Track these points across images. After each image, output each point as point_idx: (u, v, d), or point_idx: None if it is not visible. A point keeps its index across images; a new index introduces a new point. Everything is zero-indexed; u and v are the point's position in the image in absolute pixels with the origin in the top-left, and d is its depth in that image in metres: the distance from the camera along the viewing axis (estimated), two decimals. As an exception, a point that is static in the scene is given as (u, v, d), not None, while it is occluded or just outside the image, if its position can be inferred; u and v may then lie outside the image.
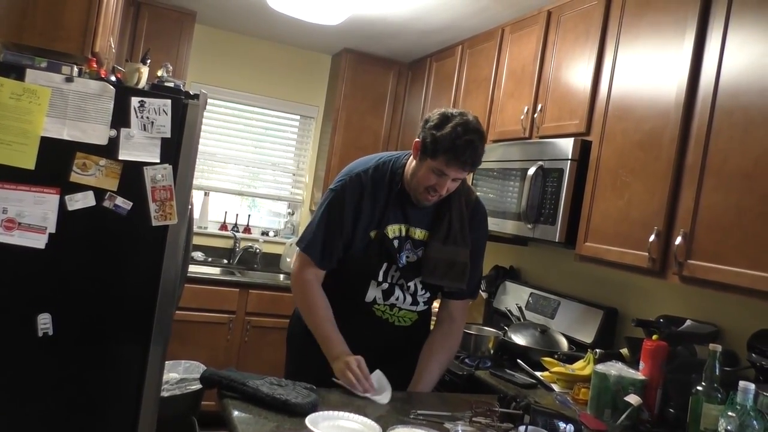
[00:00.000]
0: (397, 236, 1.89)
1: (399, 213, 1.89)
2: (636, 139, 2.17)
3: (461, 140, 1.73)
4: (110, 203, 2.28)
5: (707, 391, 1.65)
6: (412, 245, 1.91)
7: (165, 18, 3.89)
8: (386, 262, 1.89)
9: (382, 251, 1.87)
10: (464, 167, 1.78)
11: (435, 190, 1.81)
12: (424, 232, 1.91)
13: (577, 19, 2.63)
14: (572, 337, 2.60)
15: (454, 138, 1.73)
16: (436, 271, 1.88)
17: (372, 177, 1.89)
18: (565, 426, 1.54)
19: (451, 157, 1.75)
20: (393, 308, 1.94)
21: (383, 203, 1.87)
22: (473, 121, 1.78)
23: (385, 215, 1.87)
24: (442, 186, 1.80)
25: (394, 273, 1.90)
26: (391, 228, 1.88)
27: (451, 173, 1.78)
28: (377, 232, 1.86)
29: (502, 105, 3.09)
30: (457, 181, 1.82)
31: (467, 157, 1.75)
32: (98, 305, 2.31)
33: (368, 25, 3.80)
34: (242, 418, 1.48)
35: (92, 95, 2.25)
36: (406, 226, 1.90)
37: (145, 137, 2.31)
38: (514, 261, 3.34)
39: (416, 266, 1.90)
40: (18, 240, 2.20)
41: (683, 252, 1.88)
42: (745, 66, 1.80)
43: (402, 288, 1.92)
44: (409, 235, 1.90)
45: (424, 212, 1.91)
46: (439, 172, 1.78)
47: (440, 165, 1.76)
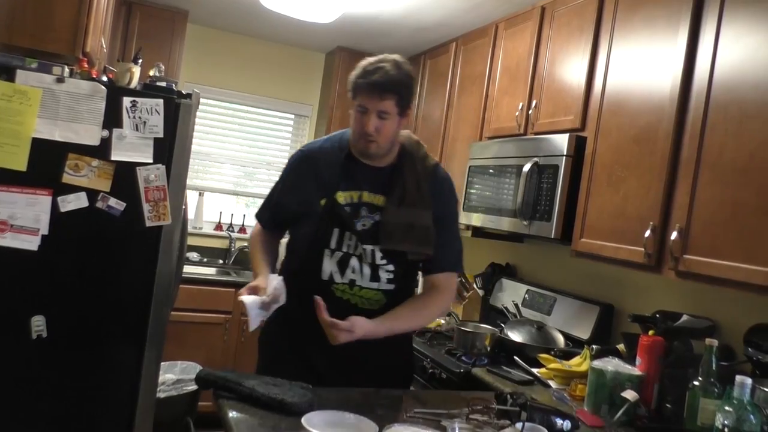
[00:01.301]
0: (349, 203, 1.83)
1: (351, 179, 1.84)
2: (631, 134, 2.16)
3: (370, 67, 1.76)
4: (103, 204, 2.26)
5: (704, 385, 1.65)
6: (368, 210, 1.83)
7: (157, 17, 3.87)
8: (337, 227, 1.82)
9: (332, 217, 1.82)
10: (374, 89, 1.73)
11: (365, 132, 1.76)
12: (380, 198, 1.84)
13: (570, 15, 2.63)
14: (569, 333, 2.60)
15: (364, 68, 1.77)
16: (393, 235, 1.80)
17: (321, 147, 1.93)
18: (562, 422, 1.54)
19: (361, 84, 1.75)
20: (353, 286, 1.82)
21: (333, 171, 1.84)
22: (389, 55, 1.80)
23: (335, 182, 1.83)
24: (367, 123, 1.75)
25: (349, 241, 1.81)
26: (342, 194, 1.83)
27: (367, 104, 1.75)
28: (327, 200, 1.82)
29: (497, 101, 3.09)
30: (385, 119, 1.75)
31: (375, 80, 1.72)
32: (92, 307, 2.30)
33: (361, 23, 3.79)
34: (238, 418, 1.47)
35: (84, 96, 2.24)
36: (359, 192, 1.84)
37: (137, 137, 2.29)
38: (510, 258, 3.34)
39: (374, 232, 1.82)
40: (10, 242, 2.18)
41: (679, 247, 1.87)
42: (739, 59, 1.80)
43: (360, 259, 1.81)
44: (363, 200, 1.84)
45: (378, 178, 1.85)
46: (360, 109, 1.77)
47: (359, 100, 1.77)
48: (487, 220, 2.84)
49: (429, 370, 2.48)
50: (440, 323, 2.96)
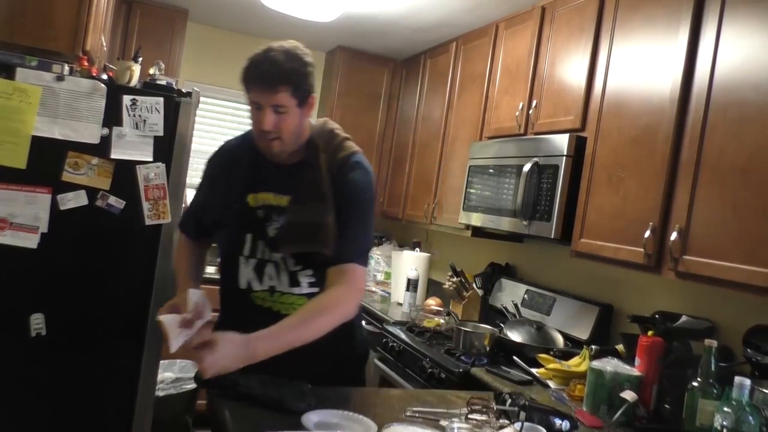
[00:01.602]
0: (262, 205, 1.70)
1: (261, 180, 1.71)
2: (631, 135, 2.16)
3: (258, 57, 1.58)
4: (103, 202, 2.26)
5: (703, 386, 1.65)
6: (278, 213, 1.69)
7: (157, 16, 3.86)
8: (249, 233, 1.70)
9: (244, 222, 1.71)
10: (264, 82, 1.56)
11: (263, 131, 1.60)
12: (285, 199, 1.69)
13: (571, 15, 2.62)
14: (568, 333, 2.60)
15: (252, 60, 1.59)
16: (290, 237, 1.66)
17: (237, 145, 1.79)
18: (561, 422, 1.54)
19: (250, 78, 1.58)
20: (273, 293, 1.70)
21: (245, 171, 1.72)
22: (280, 44, 1.62)
23: (247, 183, 1.71)
24: (263, 120, 1.58)
25: (264, 248, 1.70)
26: (254, 196, 1.70)
27: (260, 99, 1.58)
28: (239, 203, 1.71)
29: (497, 102, 3.09)
30: (282, 113, 1.59)
31: (264, 71, 1.56)
32: (92, 305, 2.30)
33: (362, 22, 3.78)
34: (236, 417, 1.47)
35: (83, 94, 2.24)
36: (270, 194, 1.70)
37: (137, 136, 2.29)
38: (510, 258, 3.34)
39: (273, 237, 1.70)
40: (10, 240, 2.18)
41: (678, 248, 1.87)
42: (739, 61, 1.79)
43: (277, 266, 1.69)
44: (272, 203, 1.70)
45: (284, 177, 1.70)
46: (254, 105, 1.60)
47: (249, 96, 1.60)
48: (487, 220, 2.84)
49: (428, 369, 2.48)
50: (440, 323, 2.96)
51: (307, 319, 1.57)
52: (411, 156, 4.04)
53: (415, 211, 3.86)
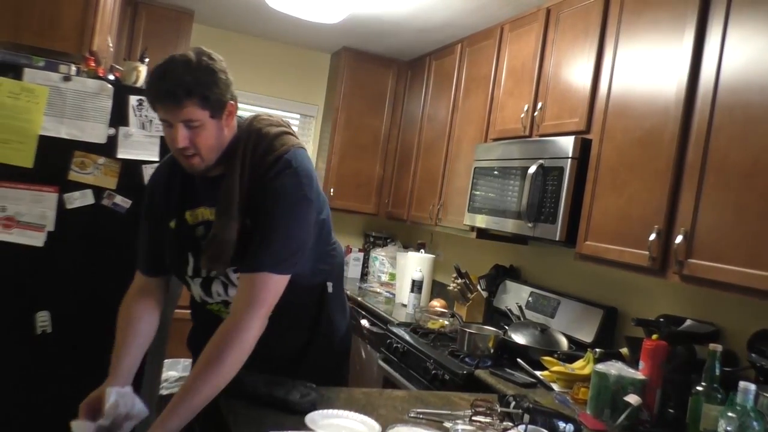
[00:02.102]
0: (200, 221, 1.60)
1: (196, 195, 1.61)
2: (636, 137, 2.16)
3: (156, 74, 1.45)
4: (109, 201, 2.27)
5: (707, 391, 1.65)
6: (206, 229, 1.60)
7: (163, 17, 3.88)
8: (189, 251, 1.61)
9: (182, 242, 1.61)
10: (168, 99, 1.43)
11: (180, 148, 1.47)
12: (210, 210, 1.59)
13: (576, 17, 2.62)
14: (572, 336, 2.59)
15: (151, 76, 1.47)
16: (210, 254, 1.54)
17: (167, 165, 1.67)
18: (565, 425, 1.54)
19: (152, 96, 1.46)
20: (228, 305, 1.65)
21: (180, 188, 1.62)
22: (182, 53, 1.48)
23: (184, 200, 1.61)
24: (177, 138, 1.45)
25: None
26: (191, 213, 1.60)
27: (167, 116, 1.45)
28: (176, 221, 1.61)
29: (502, 103, 3.09)
30: (193, 126, 1.46)
31: (162, 87, 1.42)
32: (97, 303, 2.31)
33: (367, 24, 3.79)
34: (240, 417, 1.48)
35: (90, 94, 2.25)
36: (200, 209, 1.61)
37: (143, 136, 2.30)
38: (515, 260, 3.34)
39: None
40: (17, 238, 2.20)
41: (683, 251, 1.87)
42: (745, 62, 1.79)
43: (222, 281, 1.62)
44: (206, 218, 1.60)
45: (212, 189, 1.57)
46: (164, 123, 1.48)
47: (158, 114, 1.48)
48: (492, 222, 2.84)
49: (432, 371, 2.48)
50: (444, 324, 2.96)
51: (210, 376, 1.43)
52: (416, 157, 4.04)
53: (420, 213, 3.86)
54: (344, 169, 4.38)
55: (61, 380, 2.27)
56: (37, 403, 2.26)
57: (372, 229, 4.74)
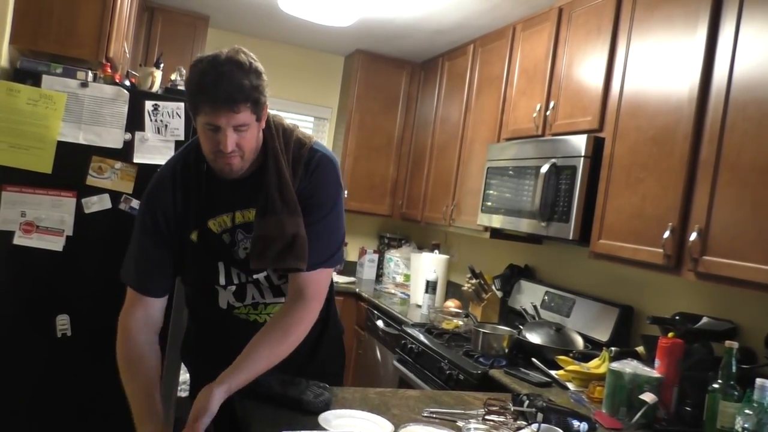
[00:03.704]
0: (224, 229, 1.56)
1: (218, 202, 1.56)
2: (649, 135, 2.15)
3: (209, 77, 1.38)
4: (126, 206, 2.31)
5: (723, 388, 1.63)
6: (245, 231, 1.56)
7: (178, 23, 3.93)
8: (221, 261, 1.57)
9: (209, 252, 1.56)
10: (223, 104, 1.38)
11: (222, 152, 1.44)
12: (251, 212, 1.55)
13: (588, 15, 2.61)
14: (588, 335, 2.58)
15: (201, 78, 1.39)
16: (259, 256, 1.51)
17: (177, 173, 1.57)
18: (579, 424, 1.54)
19: (205, 100, 1.38)
20: (257, 306, 1.64)
21: (195, 196, 1.55)
22: (225, 53, 1.42)
23: (203, 209, 1.56)
24: (224, 142, 1.42)
25: (238, 271, 1.58)
26: (214, 222, 1.56)
27: (217, 121, 1.39)
28: (198, 232, 1.55)
29: (515, 103, 3.08)
30: (242, 131, 1.43)
31: (221, 92, 1.37)
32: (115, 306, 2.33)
33: (379, 26, 3.81)
34: (254, 416, 1.49)
35: (107, 99, 2.29)
36: (230, 214, 1.56)
37: (159, 140, 2.34)
38: (529, 259, 3.33)
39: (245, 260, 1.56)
40: (37, 243, 2.24)
41: (698, 248, 1.86)
42: (758, 59, 1.77)
43: (256, 285, 1.61)
44: (236, 223, 1.56)
45: (245, 190, 1.55)
46: (210, 127, 1.42)
47: (204, 118, 1.40)
48: (506, 222, 2.84)
49: (446, 371, 2.48)
50: (458, 325, 2.96)
51: (275, 345, 1.49)
52: (429, 158, 4.05)
53: (433, 213, 3.86)
54: (358, 170, 4.40)
55: (80, 382, 2.31)
56: (56, 405, 2.30)
57: (386, 230, 4.75)
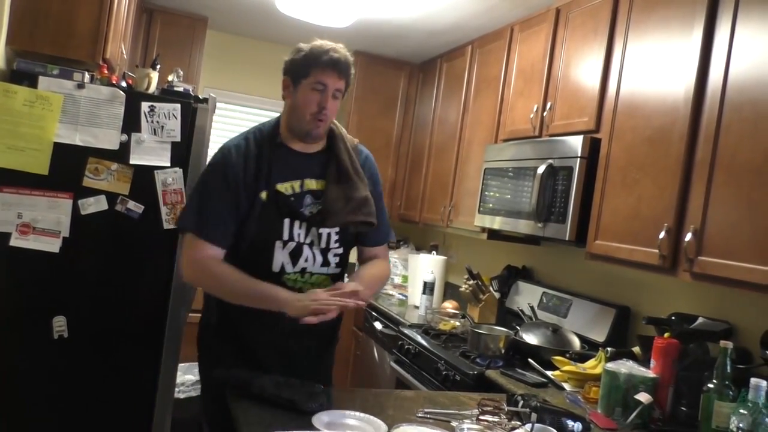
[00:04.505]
0: (292, 193, 1.80)
1: (288, 170, 1.81)
2: (645, 136, 2.15)
3: (325, 48, 1.77)
4: (122, 207, 2.31)
5: (718, 388, 1.63)
6: (313, 197, 1.82)
7: (177, 24, 3.93)
8: (287, 218, 1.78)
9: (279, 208, 1.78)
10: (336, 67, 1.76)
11: (321, 111, 1.76)
12: (320, 182, 1.83)
13: (585, 16, 2.62)
14: (585, 336, 2.58)
15: (318, 49, 1.77)
16: (339, 212, 1.80)
17: (249, 144, 1.81)
18: (573, 424, 1.54)
19: (324, 64, 1.75)
20: (304, 274, 1.81)
21: (267, 164, 1.79)
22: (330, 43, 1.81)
23: (272, 174, 1.78)
24: (326, 100, 1.76)
25: (299, 230, 1.79)
26: (282, 185, 1.79)
27: (328, 80, 1.75)
28: (268, 192, 1.77)
29: (512, 104, 3.08)
30: (337, 98, 1.80)
31: (335, 60, 1.76)
32: (112, 308, 2.35)
33: (377, 27, 3.81)
34: (248, 417, 1.49)
35: (103, 101, 2.29)
36: (299, 181, 1.81)
37: (155, 141, 2.34)
38: (527, 260, 3.33)
39: (316, 218, 1.81)
40: (33, 244, 2.24)
41: (694, 248, 1.86)
42: (753, 60, 1.78)
43: (311, 246, 1.81)
44: (305, 188, 1.82)
45: (315, 163, 1.85)
46: (318, 86, 1.76)
47: (316, 76, 1.75)
48: (503, 223, 2.84)
49: (443, 371, 2.48)
50: (456, 326, 2.96)
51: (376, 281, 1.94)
52: (427, 159, 4.05)
53: (431, 214, 3.86)
54: (357, 172, 4.39)
55: (78, 384, 2.31)
56: (54, 407, 2.30)
57: (385, 231, 4.75)
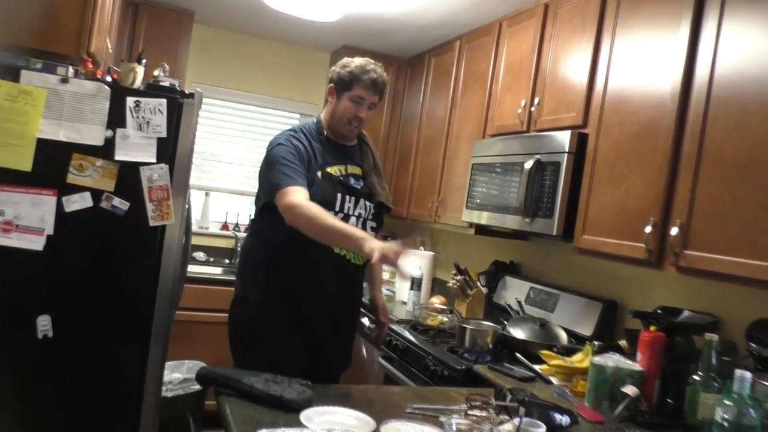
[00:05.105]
0: (340, 174, 2.20)
1: (334, 156, 2.21)
2: (633, 131, 2.16)
3: (369, 67, 2.19)
4: (107, 204, 2.28)
5: (704, 380, 1.65)
6: (355, 179, 2.25)
7: (163, 18, 3.89)
8: (340, 192, 2.15)
9: (334, 185, 2.15)
10: (376, 87, 2.18)
11: (357, 118, 2.19)
12: (358, 168, 2.28)
13: (573, 12, 2.62)
14: (572, 330, 2.59)
15: (363, 67, 2.18)
16: (379, 193, 2.28)
17: (302, 135, 2.19)
18: (561, 417, 1.54)
19: (366, 83, 2.16)
20: None
21: (318, 151, 2.18)
22: (371, 59, 2.24)
23: (323, 160, 2.17)
24: (362, 110, 2.19)
25: (349, 203, 2.17)
26: (332, 168, 2.18)
27: (367, 96, 2.17)
28: (322, 173, 2.14)
29: (500, 99, 3.09)
30: (371, 109, 2.22)
31: (377, 81, 2.17)
32: (97, 306, 2.32)
33: (366, 22, 3.79)
34: (236, 415, 1.49)
35: (88, 96, 2.26)
36: (344, 166, 2.23)
37: (141, 137, 2.31)
38: (514, 256, 3.34)
39: (366, 193, 2.24)
40: (16, 242, 2.21)
41: (679, 242, 1.87)
42: (739, 55, 1.79)
43: (358, 219, 2.19)
44: (349, 172, 2.24)
45: (353, 154, 2.30)
46: (358, 99, 2.17)
47: (357, 92, 2.17)
48: (491, 218, 2.84)
49: (431, 367, 2.48)
50: (443, 321, 2.96)
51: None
52: (415, 154, 4.05)
53: (419, 210, 3.86)
54: (345, 167, 4.38)
55: (63, 384, 2.29)
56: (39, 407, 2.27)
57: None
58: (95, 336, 2.32)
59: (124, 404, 2.36)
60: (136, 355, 2.37)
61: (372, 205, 2.26)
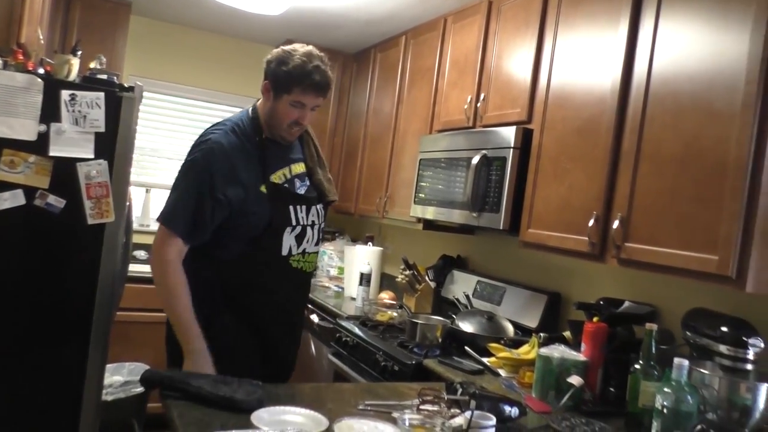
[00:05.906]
0: (284, 180, 1.98)
1: (276, 160, 1.98)
2: (575, 127, 2.21)
3: (309, 67, 1.87)
4: (41, 202, 2.18)
5: (644, 369, 1.71)
6: (300, 179, 2.03)
7: (98, 9, 3.74)
8: (290, 204, 1.96)
9: (283, 197, 1.95)
10: (318, 90, 1.90)
11: (297, 123, 1.94)
12: (301, 164, 2.06)
13: (517, 9, 2.66)
14: (518, 322, 2.65)
15: (303, 67, 1.86)
16: (329, 190, 2.09)
17: (228, 141, 1.90)
18: (510, 409, 1.57)
19: (307, 86, 1.88)
20: (305, 254, 2.01)
21: (256, 157, 1.93)
22: (314, 49, 1.94)
23: (265, 166, 1.93)
24: (304, 117, 1.93)
25: (302, 213, 1.98)
26: (276, 175, 1.96)
27: (307, 101, 1.90)
28: (266, 185, 1.91)
29: (446, 95, 3.11)
30: (314, 110, 1.96)
31: (319, 84, 1.88)
32: (34, 308, 2.22)
33: (311, 16, 3.75)
34: (185, 418, 1.44)
35: (19, 88, 2.15)
36: (288, 167, 2.00)
37: (77, 132, 2.22)
38: (462, 250, 3.38)
39: (314, 196, 2.05)
40: (-58, 243, 2.08)
41: (620, 235, 1.93)
42: (675, 53, 1.86)
43: (312, 227, 2.02)
44: (293, 173, 2.02)
45: (293, 150, 2.06)
46: (298, 104, 1.90)
47: (297, 96, 1.89)
48: (438, 213, 2.87)
49: (381, 362, 2.48)
50: (393, 316, 2.97)
51: None
52: (362, 150, 4.04)
53: (367, 206, 3.86)
54: (291, 163, 4.33)
55: (-4, 389, 2.18)
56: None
57: (321, 223, 4.71)
58: (31, 339, 2.22)
59: (63, 409, 2.27)
60: (75, 358, 2.28)
61: (322, 206, 2.10)
